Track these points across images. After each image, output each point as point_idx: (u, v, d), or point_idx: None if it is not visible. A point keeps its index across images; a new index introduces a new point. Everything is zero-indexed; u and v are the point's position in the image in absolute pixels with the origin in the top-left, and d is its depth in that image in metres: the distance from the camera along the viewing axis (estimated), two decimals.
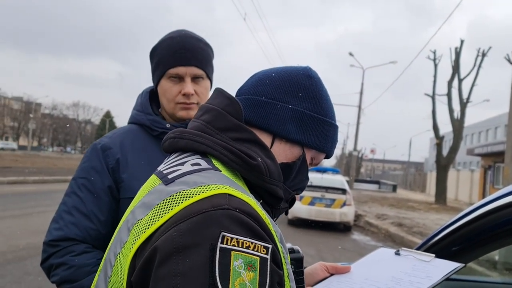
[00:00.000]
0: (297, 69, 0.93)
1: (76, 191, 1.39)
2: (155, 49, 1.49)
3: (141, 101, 1.54)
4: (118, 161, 1.40)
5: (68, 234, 1.32)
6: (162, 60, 1.44)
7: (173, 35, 1.47)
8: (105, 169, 1.40)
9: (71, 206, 1.36)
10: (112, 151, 1.42)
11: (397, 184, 43.54)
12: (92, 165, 1.41)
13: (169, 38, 1.47)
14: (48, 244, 1.34)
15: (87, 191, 1.38)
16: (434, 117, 23.40)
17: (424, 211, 17.36)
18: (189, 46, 1.44)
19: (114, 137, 1.47)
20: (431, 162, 49.84)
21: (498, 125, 42.83)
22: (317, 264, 1.13)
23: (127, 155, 1.41)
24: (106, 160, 1.40)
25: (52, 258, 1.32)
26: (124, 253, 0.72)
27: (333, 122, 0.93)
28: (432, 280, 0.98)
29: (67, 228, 1.33)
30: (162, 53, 1.45)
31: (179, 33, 1.48)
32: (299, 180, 0.91)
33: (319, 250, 8.52)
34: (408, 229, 11.25)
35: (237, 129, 0.83)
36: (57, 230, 1.34)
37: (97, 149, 1.43)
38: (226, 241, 0.63)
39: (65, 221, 1.34)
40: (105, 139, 1.47)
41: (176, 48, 1.43)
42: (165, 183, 0.76)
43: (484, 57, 22.16)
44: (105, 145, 1.43)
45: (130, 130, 1.51)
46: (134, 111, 1.55)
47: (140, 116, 1.50)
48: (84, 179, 1.40)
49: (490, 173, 25.85)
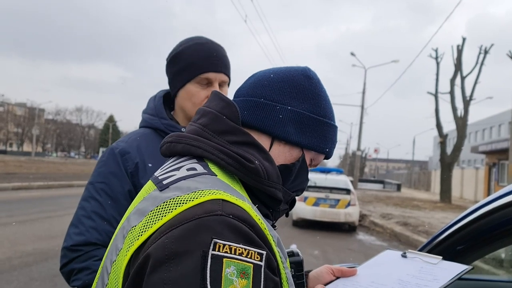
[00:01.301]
0: (296, 69, 0.92)
1: (94, 195, 1.39)
2: (180, 54, 1.49)
3: (155, 105, 1.54)
4: (137, 166, 1.41)
5: (90, 239, 1.33)
6: (192, 65, 1.45)
7: (200, 41, 1.49)
8: (124, 173, 1.40)
9: (91, 211, 1.37)
10: (130, 155, 1.42)
11: (401, 183, 43.37)
12: (110, 169, 1.41)
13: (197, 44, 1.48)
14: (69, 249, 1.34)
15: (106, 195, 1.38)
16: (437, 115, 23.33)
17: (429, 210, 17.28)
18: (220, 54, 1.49)
19: (131, 142, 1.47)
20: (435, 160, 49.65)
21: (502, 122, 42.63)
22: (323, 267, 1.12)
23: (145, 159, 1.42)
24: (125, 165, 1.41)
25: (74, 263, 1.33)
26: (119, 261, 0.71)
27: (332, 123, 0.92)
28: (439, 282, 0.96)
29: (88, 232, 1.34)
30: (191, 58, 1.46)
31: (206, 40, 1.51)
32: (299, 181, 0.91)
33: (324, 251, 8.50)
34: (414, 228, 11.21)
35: (234, 132, 0.82)
36: (78, 235, 1.34)
37: (115, 153, 1.43)
38: (218, 248, 0.62)
39: (85, 226, 1.35)
40: (122, 144, 1.46)
41: (208, 54, 1.46)
42: (160, 189, 0.75)
43: (487, 54, 22.09)
44: (123, 149, 1.43)
45: (144, 134, 1.51)
46: (146, 115, 1.55)
47: (154, 120, 1.51)
48: (103, 183, 1.40)
49: (495, 170, 25.72)
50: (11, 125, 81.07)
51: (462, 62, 22.64)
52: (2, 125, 77.98)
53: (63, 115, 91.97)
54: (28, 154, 70.88)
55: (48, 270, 5.72)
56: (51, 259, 6.21)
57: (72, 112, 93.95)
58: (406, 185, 54.24)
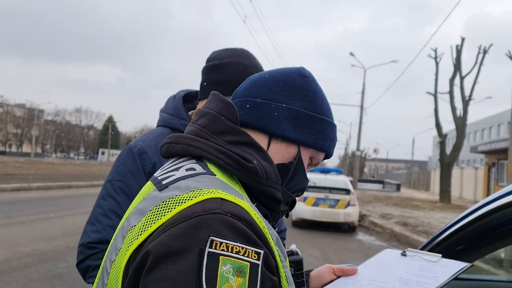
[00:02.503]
0: (290, 69, 0.94)
1: (112, 194, 1.40)
2: (224, 66, 1.48)
3: (175, 105, 1.56)
4: (154, 165, 1.42)
5: (106, 237, 1.35)
6: (230, 83, 1.43)
7: (247, 63, 1.48)
8: (141, 173, 1.41)
9: (108, 209, 1.38)
10: (148, 155, 1.43)
11: (400, 183, 43.39)
12: (129, 168, 1.42)
13: (242, 65, 1.47)
14: (86, 246, 1.36)
15: (123, 194, 1.39)
16: (436, 115, 23.36)
17: (428, 210, 17.29)
18: None
19: (148, 141, 1.48)
20: (435, 160, 49.71)
21: (501, 122, 42.68)
22: (324, 267, 1.12)
23: (162, 159, 1.41)
24: (143, 164, 1.42)
25: (90, 260, 1.35)
26: (119, 260, 0.72)
27: (329, 120, 0.92)
28: (439, 280, 0.97)
29: (105, 231, 1.36)
30: (231, 76, 1.45)
31: (252, 63, 1.49)
32: (297, 181, 0.91)
33: (324, 251, 8.50)
34: (413, 228, 11.21)
35: (233, 132, 0.83)
36: (95, 233, 1.36)
37: (133, 152, 1.44)
38: (215, 246, 0.62)
39: (102, 224, 1.37)
40: (140, 143, 1.48)
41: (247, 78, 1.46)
42: (159, 189, 0.76)
43: (486, 54, 22.11)
44: (141, 148, 1.44)
45: (162, 133, 1.52)
46: (165, 114, 1.56)
47: (173, 120, 1.53)
48: (121, 182, 1.41)
49: (494, 170, 25.75)
50: (10, 126, 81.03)
51: (461, 62, 22.68)
52: (2, 126, 77.95)
53: (63, 116, 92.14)
54: (27, 155, 70.87)
55: (47, 271, 5.71)
56: (50, 260, 6.20)
57: (72, 113, 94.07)
58: (406, 185, 54.30)
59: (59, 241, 7.22)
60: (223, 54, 1.52)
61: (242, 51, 1.53)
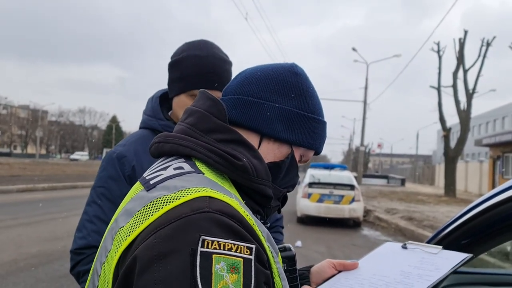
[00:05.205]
0: (283, 66, 0.92)
1: (96, 200, 1.45)
2: (180, 61, 1.48)
3: (152, 106, 1.57)
4: (133, 168, 1.45)
5: (91, 242, 1.39)
6: (187, 78, 1.45)
7: (201, 54, 1.46)
8: (121, 177, 1.45)
9: (92, 215, 1.43)
10: (127, 159, 1.46)
11: (405, 178, 43.31)
12: (109, 174, 1.46)
13: (196, 57, 1.46)
14: (74, 252, 1.42)
15: (106, 199, 1.44)
16: (440, 109, 23.27)
17: (433, 204, 17.25)
18: (218, 70, 1.46)
19: (128, 145, 1.51)
20: (439, 154, 49.55)
21: (506, 115, 42.47)
22: (324, 262, 1.12)
23: (142, 162, 1.44)
24: (122, 168, 1.45)
25: (79, 266, 1.40)
26: (109, 262, 0.72)
27: (320, 119, 0.92)
28: (441, 272, 0.97)
29: (90, 236, 1.41)
30: (188, 71, 1.45)
31: (207, 52, 1.47)
32: (289, 178, 0.91)
33: (329, 247, 8.50)
34: (418, 223, 11.19)
35: (222, 130, 0.82)
36: (81, 239, 1.42)
37: (112, 158, 1.48)
38: (207, 245, 0.62)
39: (87, 230, 1.42)
40: (120, 148, 1.51)
41: (204, 70, 1.44)
42: (147, 189, 0.75)
43: (489, 47, 21.99)
44: (120, 153, 1.47)
45: (142, 135, 1.54)
46: (145, 116, 1.58)
47: (152, 121, 1.54)
48: (103, 188, 1.46)
49: (499, 163, 25.63)
50: (14, 128, 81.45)
51: (464, 55, 22.56)
52: (6, 127, 78.39)
53: (66, 116, 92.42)
54: (32, 156, 71.23)
55: (54, 272, 5.75)
56: (57, 261, 6.24)
57: (75, 113, 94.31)
58: (410, 179, 54.19)
59: (65, 242, 7.25)
60: (180, 49, 1.51)
61: (198, 42, 1.51)
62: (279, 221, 1.77)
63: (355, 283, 1.03)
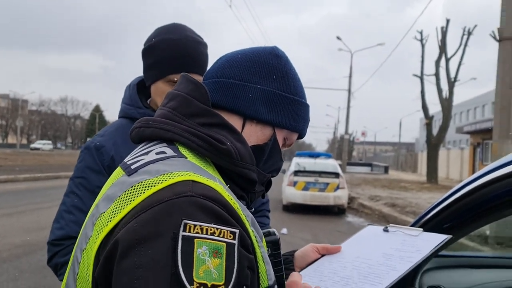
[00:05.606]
0: (264, 49, 0.92)
1: (74, 190, 1.42)
2: (152, 47, 1.44)
3: (130, 94, 1.53)
4: (112, 159, 1.42)
5: (70, 233, 1.36)
6: (162, 64, 1.41)
7: (174, 37, 1.42)
8: (101, 167, 1.42)
9: (71, 205, 1.40)
10: (105, 149, 1.43)
11: (388, 166, 43.89)
12: (87, 164, 1.43)
13: (169, 40, 1.42)
14: (52, 243, 1.39)
15: (84, 189, 1.41)
16: (423, 97, 23.55)
17: (416, 191, 17.56)
18: (193, 53, 1.42)
19: (106, 135, 1.48)
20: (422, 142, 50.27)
21: (486, 103, 43.20)
22: (308, 246, 1.14)
23: (121, 151, 1.41)
24: (101, 159, 1.42)
25: (57, 257, 1.37)
26: (89, 249, 0.70)
27: (303, 101, 0.92)
28: (422, 253, 0.99)
29: (68, 227, 1.38)
30: (162, 56, 1.41)
31: (180, 35, 1.43)
32: (272, 162, 0.90)
33: (314, 235, 8.60)
34: (401, 209, 11.39)
35: (204, 113, 0.81)
36: (59, 230, 1.39)
37: (90, 148, 1.45)
38: (189, 229, 0.61)
39: (66, 220, 1.39)
40: (98, 138, 1.48)
41: (178, 54, 1.40)
42: (128, 174, 0.74)
43: (470, 36, 22.24)
44: (98, 144, 1.45)
45: (121, 125, 1.51)
46: (123, 105, 1.54)
47: (130, 110, 1.50)
48: (81, 178, 1.43)
49: (479, 150, 26.16)
50: None
51: (447, 44, 22.79)
52: None
53: (48, 105, 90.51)
54: (13, 146, 69.72)
55: (37, 262, 5.69)
56: (40, 251, 6.16)
57: (57, 102, 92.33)
58: (394, 167, 54.93)
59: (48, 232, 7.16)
60: (152, 35, 1.47)
61: (169, 26, 1.47)
62: (265, 205, 1.76)
63: (338, 266, 1.05)
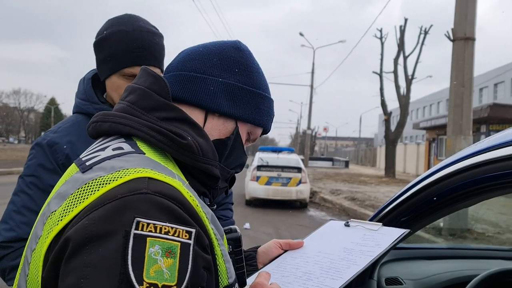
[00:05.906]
0: (226, 42, 0.91)
1: (24, 189, 1.33)
2: (105, 40, 1.37)
3: (84, 89, 1.46)
4: (68, 157, 1.34)
5: (21, 235, 1.28)
6: (115, 57, 1.35)
7: (127, 29, 1.36)
8: (55, 166, 1.34)
9: (21, 206, 1.31)
10: (59, 146, 1.35)
11: (349, 160, 44.97)
12: (40, 162, 1.35)
13: (122, 32, 1.35)
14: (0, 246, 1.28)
15: (36, 188, 1.32)
16: (382, 94, 24.25)
17: (375, 185, 18.11)
18: (147, 44, 1.36)
19: (60, 131, 1.40)
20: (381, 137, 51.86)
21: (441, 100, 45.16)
22: (271, 242, 1.14)
23: (77, 149, 1.34)
24: (55, 156, 1.35)
25: (5, 260, 1.28)
26: (39, 249, 0.68)
27: (266, 95, 0.91)
28: (381, 247, 1.02)
29: (19, 228, 1.29)
30: (115, 49, 1.35)
31: (133, 26, 1.37)
32: (235, 157, 0.89)
33: (276, 228, 8.69)
34: (361, 203, 11.72)
35: (164, 108, 0.79)
36: (8, 231, 1.29)
37: (42, 145, 1.36)
38: (142, 227, 0.59)
39: (15, 221, 1.30)
40: (51, 134, 1.40)
41: (132, 46, 1.35)
42: (82, 171, 0.71)
43: (426, 35, 23.11)
44: (51, 140, 1.36)
45: (76, 121, 1.44)
46: (78, 100, 1.47)
47: (86, 106, 1.43)
48: (33, 176, 1.34)
49: (434, 145, 27.28)
50: None
51: (405, 42, 23.57)
52: None
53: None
54: None
55: None
56: None
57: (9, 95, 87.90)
58: (354, 161, 56.36)
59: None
60: (104, 27, 1.41)
61: (122, 17, 1.41)
62: (229, 198, 1.74)
63: (300, 262, 1.06)
